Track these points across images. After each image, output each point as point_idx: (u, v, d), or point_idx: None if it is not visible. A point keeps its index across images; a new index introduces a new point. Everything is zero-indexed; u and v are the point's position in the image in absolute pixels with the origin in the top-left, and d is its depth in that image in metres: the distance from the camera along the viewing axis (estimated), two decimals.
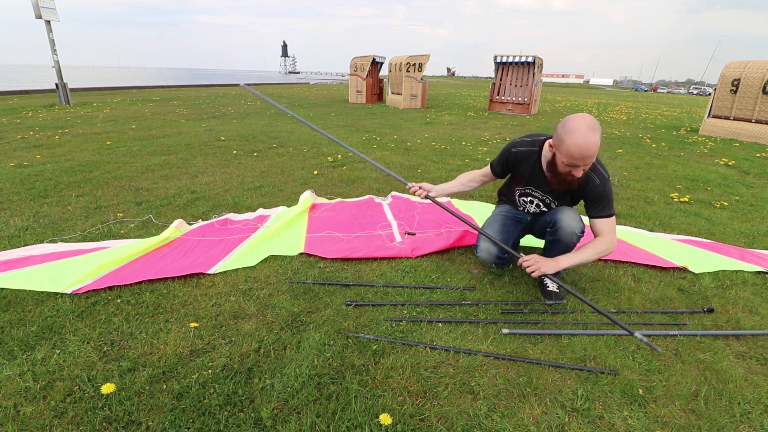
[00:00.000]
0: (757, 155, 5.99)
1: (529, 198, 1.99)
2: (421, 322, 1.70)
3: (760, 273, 2.23)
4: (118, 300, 1.75)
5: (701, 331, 1.69)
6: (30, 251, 2.14)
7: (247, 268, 2.07)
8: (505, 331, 1.65)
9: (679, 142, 7.04)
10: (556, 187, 1.80)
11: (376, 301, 1.84)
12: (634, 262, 2.27)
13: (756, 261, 2.34)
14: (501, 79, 11.24)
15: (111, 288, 1.83)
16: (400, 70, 11.36)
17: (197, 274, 1.98)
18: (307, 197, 3.03)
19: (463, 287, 1.98)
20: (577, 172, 1.62)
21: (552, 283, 1.90)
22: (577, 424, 1.24)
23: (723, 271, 2.23)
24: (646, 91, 69.53)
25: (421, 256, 2.28)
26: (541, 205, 1.97)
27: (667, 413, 1.29)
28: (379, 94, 13.52)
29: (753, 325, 1.77)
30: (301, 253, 2.26)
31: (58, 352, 1.44)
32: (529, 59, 10.49)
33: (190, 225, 2.56)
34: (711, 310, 1.85)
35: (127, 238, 2.38)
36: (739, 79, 7.50)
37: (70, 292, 1.78)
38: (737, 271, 2.22)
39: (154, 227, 2.56)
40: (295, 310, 1.74)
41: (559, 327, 1.71)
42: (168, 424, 1.17)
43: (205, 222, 2.62)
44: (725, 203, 3.52)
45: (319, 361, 1.44)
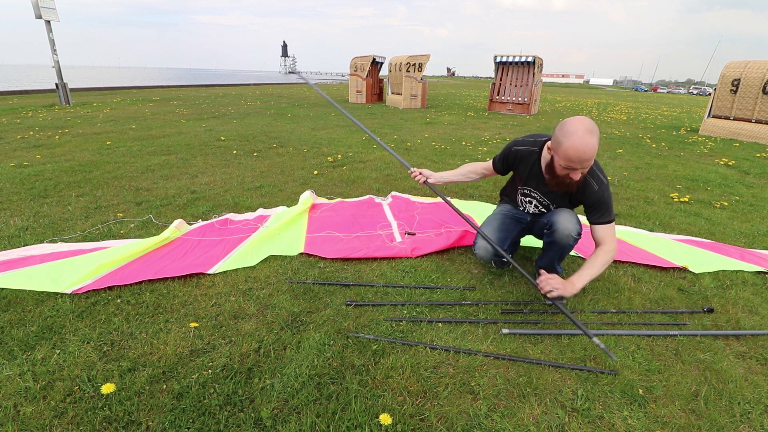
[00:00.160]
0: (757, 155, 5.99)
1: (528, 198, 1.99)
2: (421, 322, 1.70)
3: (760, 273, 2.23)
4: (118, 300, 1.75)
5: (701, 331, 1.69)
6: (30, 251, 2.14)
7: (247, 268, 2.08)
8: (505, 331, 1.65)
9: (679, 142, 7.04)
10: (554, 189, 1.80)
11: (376, 301, 1.84)
12: (634, 262, 2.27)
13: (756, 261, 2.34)
14: (501, 79, 11.23)
15: (111, 288, 1.83)
16: (400, 70, 11.36)
17: (197, 274, 1.98)
18: (307, 197, 3.04)
19: (463, 287, 1.98)
20: (575, 175, 1.61)
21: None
22: (577, 424, 1.24)
23: (723, 271, 2.23)
24: (646, 91, 69.50)
25: (421, 256, 2.28)
26: (540, 206, 1.97)
27: (667, 413, 1.29)
28: (379, 94, 13.51)
29: (753, 325, 1.77)
30: (301, 253, 2.26)
31: (58, 352, 1.44)
32: (529, 59, 10.48)
33: (190, 225, 2.56)
34: (711, 310, 1.85)
35: (127, 238, 2.38)
36: (739, 79, 7.50)
37: (70, 292, 1.78)
38: (737, 271, 2.22)
39: (154, 227, 2.56)
40: (295, 310, 1.74)
41: (559, 327, 1.71)
42: (168, 424, 1.17)
43: (205, 222, 2.62)
44: (725, 203, 3.52)
45: (319, 361, 1.44)
